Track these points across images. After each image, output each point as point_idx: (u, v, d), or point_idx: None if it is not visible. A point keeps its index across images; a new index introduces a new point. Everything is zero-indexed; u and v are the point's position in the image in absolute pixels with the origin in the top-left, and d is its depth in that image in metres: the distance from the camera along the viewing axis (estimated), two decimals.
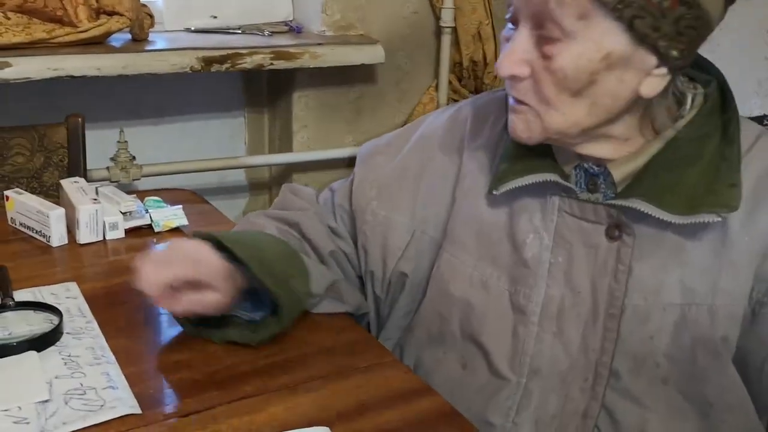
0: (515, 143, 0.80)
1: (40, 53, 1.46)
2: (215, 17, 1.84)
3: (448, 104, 1.96)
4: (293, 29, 1.87)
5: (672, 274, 0.76)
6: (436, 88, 1.98)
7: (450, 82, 1.98)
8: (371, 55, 1.81)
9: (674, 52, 0.69)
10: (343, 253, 0.97)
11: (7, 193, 1.12)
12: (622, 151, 0.78)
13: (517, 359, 0.82)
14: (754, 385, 0.78)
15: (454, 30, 1.92)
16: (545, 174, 0.79)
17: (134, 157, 1.73)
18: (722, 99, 0.78)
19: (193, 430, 0.70)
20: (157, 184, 1.73)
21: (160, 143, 1.86)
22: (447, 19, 1.90)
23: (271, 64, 1.68)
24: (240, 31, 1.81)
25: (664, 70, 0.71)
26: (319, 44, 1.75)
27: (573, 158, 0.80)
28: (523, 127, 0.76)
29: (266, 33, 1.80)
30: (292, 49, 1.71)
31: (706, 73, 0.79)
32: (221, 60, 1.63)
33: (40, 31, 1.47)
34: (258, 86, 1.97)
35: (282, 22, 1.90)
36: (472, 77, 1.96)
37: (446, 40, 1.93)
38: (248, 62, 1.66)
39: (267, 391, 0.77)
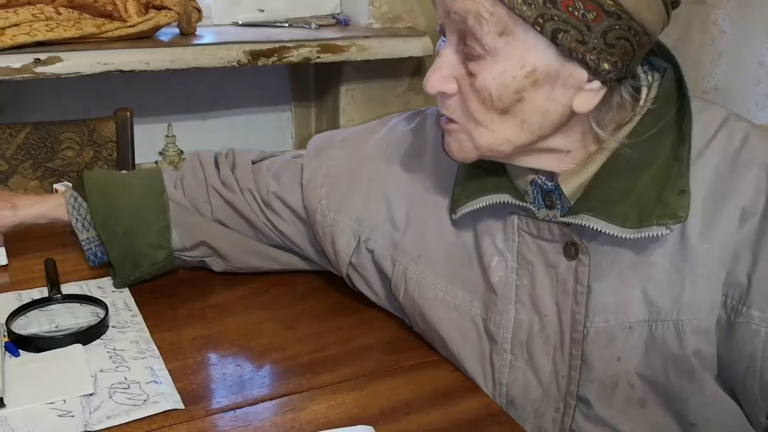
0: (471, 165, 0.75)
1: (90, 48, 1.47)
2: (262, 11, 1.84)
3: None
4: (340, 22, 1.85)
5: (634, 290, 0.70)
6: None
7: None
8: (419, 47, 1.78)
9: (605, 65, 0.64)
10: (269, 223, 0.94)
11: (56, 186, 1.13)
12: (568, 164, 0.72)
13: (496, 389, 0.77)
14: (741, 398, 0.71)
15: None
16: (498, 195, 0.74)
17: (182, 151, 1.74)
18: (679, 89, 0.71)
19: (236, 426, 0.69)
20: None
21: (208, 137, 1.87)
22: None
23: (318, 57, 1.67)
24: (287, 25, 1.81)
25: (596, 84, 0.65)
26: (366, 37, 1.73)
27: (525, 172, 0.75)
28: (457, 147, 0.71)
29: (313, 26, 1.79)
30: (338, 42, 1.69)
31: (664, 59, 0.73)
32: (268, 54, 1.63)
33: (90, 25, 1.49)
34: (305, 80, 1.96)
35: (329, 15, 1.89)
36: None
37: None
38: (295, 56, 1.65)
39: (310, 388, 0.75)
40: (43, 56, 1.41)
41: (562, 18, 0.62)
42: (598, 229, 0.68)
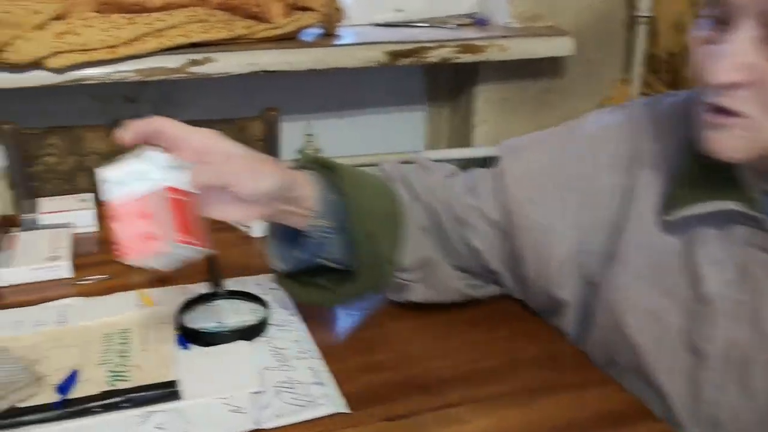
0: (695, 162, 0.70)
1: (239, 49, 1.52)
2: (401, 11, 1.84)
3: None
4: (478, 21, 1.83)
5: None
6: (628, 82, 1.86)
7: (643, 76, 1.86)
8: (560, 47, 1.73)
9: None
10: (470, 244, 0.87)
11: None
12: None
13: (696, 407, 0.72)
14: None
15: (651, 19, 1.80)
16: (728, 202, 0.68)
17: (319, 150, 1.77)
18: None
19: None
20: None
21: (343, 136, 1.89)
22: (643, 7, 1.78)
23: (457, 57, 1.65)
24: (425, 24, 1.80)
25: None
26: (506, 36, 1.70)
27: (763, 181, 0.69)
28: (731, 144, 0.65)
29: (452, 26, 1.77)
30: (478, 42, 1.67)
31: None
32: (408, 54, 1.63)
33: (240, 27, 1.53)
34: (440, 80, 1.95)
35: (466, 14, 1.87)
36: (669, 71, 1.83)
37: (641, 30, 1.81)
38: (434, 56, 1.64)
39: (473, 401, 0.74)
40: (197, 57, 1.46)
41: None
42: None
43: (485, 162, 1.96)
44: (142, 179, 0.70)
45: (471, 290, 0.90)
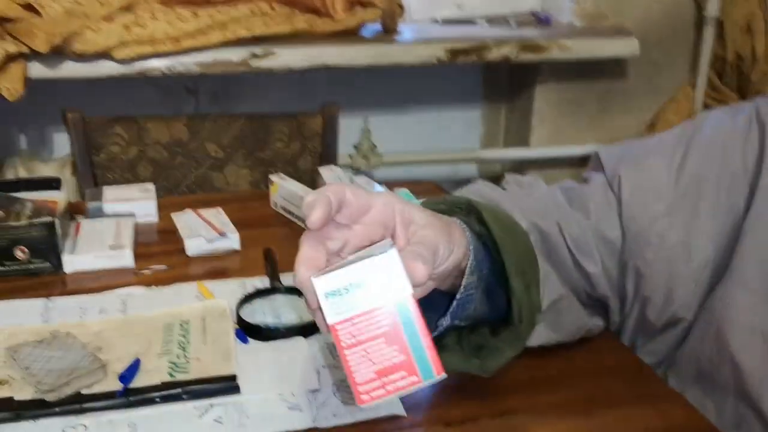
0: None
1: (300, 44, 1.52)
2: (461, 7, 1.82)
3: (705, 104, 1.79)
4: (541, 20, 1.80)
5: None
6: (693, 85, 1.81)
7: (709, 80, 1.80)
8: (625, 47, 1.69)
9: None
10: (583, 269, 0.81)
11: (272, 177, 1.17)
12: None
13: None
14: None
15: (719, 21, 1.75)
16: None
17: (375, 146, 1.77)
18: None
19: None
20: (390, 174, 1.76)
21: (399, 132, 1.88)
22: (712, 9, 1.73)
23: (518, 56, 1.63)
24: (485, 22, 1.78)
25: None
26: (569, 36, 1.67)
27: None
28: None
29: (512, 24, 1.75)
30: (540, 41, 1.64)
31: None
32: (468, 52, 1.61)
33: (301, 21, 1.54)
34: (498, 78, 1.93)
35: (528, 12, 1.84)
36: (736, 74, 1.78)
37: (708, 32, 1.76)
38: (495, 54, 1.62)
39: (532, 410, 0.72)
40: (259, 51, 1.47)
41: None
42: None
43: (542, 163, 1.93)
44: (370, 287, 0.51)
45: (591, 323, 0.81)
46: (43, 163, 1.67)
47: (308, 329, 0.83)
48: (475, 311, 0.65)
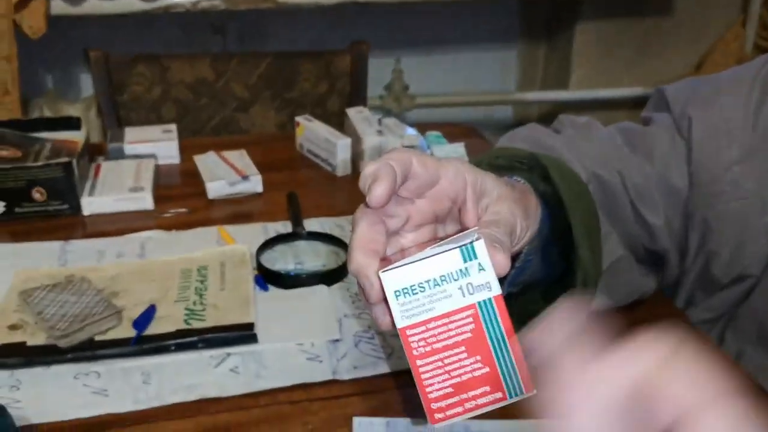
0: None
1: None
2: None
3: (756, 45, 1.69)
4: None
5: None
6: (743, 23, 1.71)
7: (761, 18, 1.69)
8: None
9: None
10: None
11: (297, 119, 1.13)
12: None
13: None
14: None
15: None
16: None
17: (407, 87, 1.71)
18: None
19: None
20: (422, 116, 1.70)
21: (432, 74, 1.82)
22: None
23: None
24: None
25: None
26: None
27: None
28: None
29: None
30: None
31: None
32: None
33: None
34: (536, 15, 1.84)
35: None
36: None
37: None
38: None
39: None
40: None
41: None
42: None
43: (581, 106, 1.85)
44: (449, 285, 0.43)
45: (646, 285, 0.75)
46: (69, 104, 1.65)
47: (331, 277, 0.80)
48: (531, 276, 0.59)
